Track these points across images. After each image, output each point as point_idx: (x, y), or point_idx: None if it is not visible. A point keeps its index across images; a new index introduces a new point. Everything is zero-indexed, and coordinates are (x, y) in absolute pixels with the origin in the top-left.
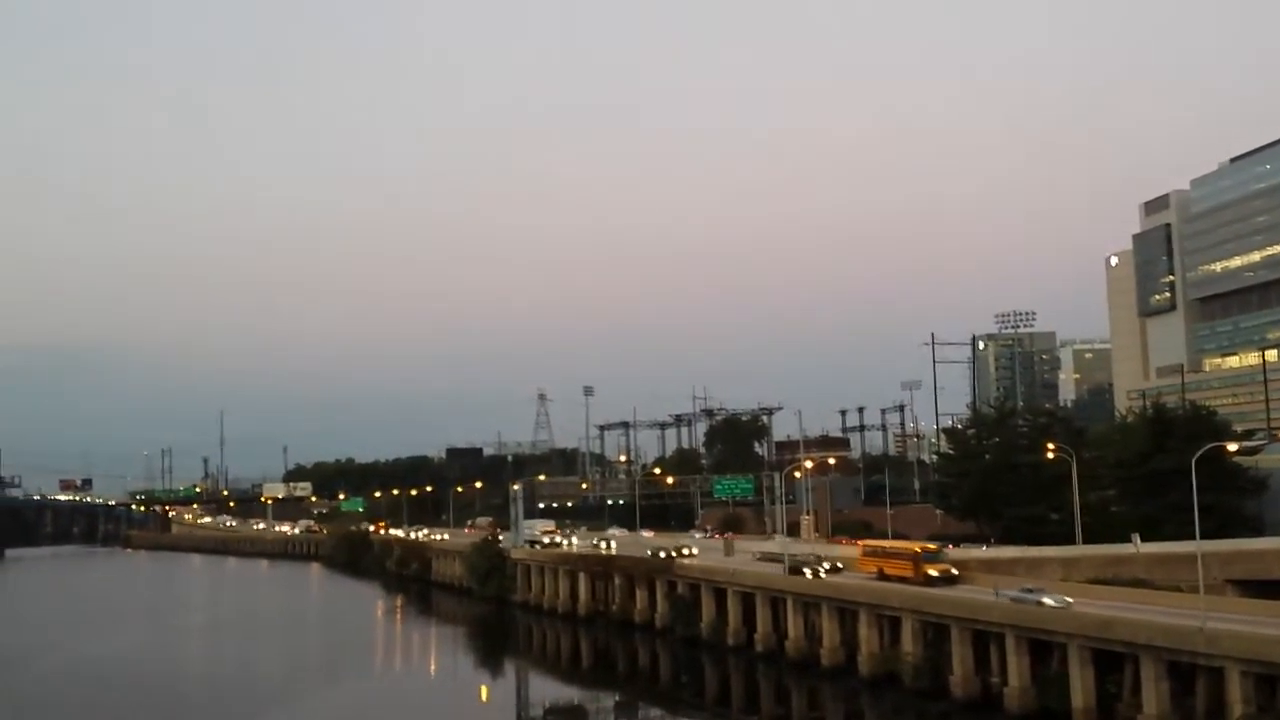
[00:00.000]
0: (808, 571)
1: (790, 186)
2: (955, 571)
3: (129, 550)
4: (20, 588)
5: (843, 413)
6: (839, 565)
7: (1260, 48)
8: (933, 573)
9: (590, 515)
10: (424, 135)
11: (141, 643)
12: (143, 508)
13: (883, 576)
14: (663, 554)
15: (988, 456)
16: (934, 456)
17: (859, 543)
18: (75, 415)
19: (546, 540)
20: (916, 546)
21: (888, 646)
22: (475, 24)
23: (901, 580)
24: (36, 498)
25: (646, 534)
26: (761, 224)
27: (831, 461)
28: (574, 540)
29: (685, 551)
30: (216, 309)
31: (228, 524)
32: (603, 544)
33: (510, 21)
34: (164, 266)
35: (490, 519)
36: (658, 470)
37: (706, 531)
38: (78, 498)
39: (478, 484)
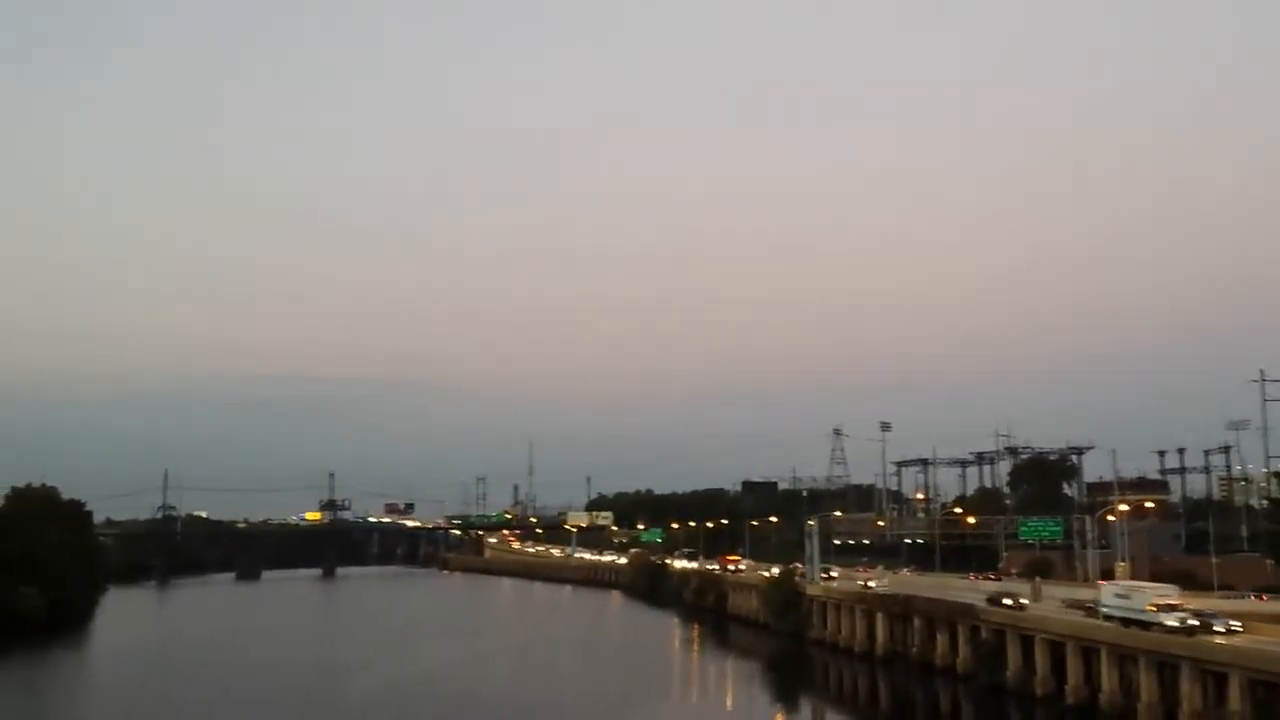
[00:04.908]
0: (1008, 602)
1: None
2: None
3: (445, 572)
4: (350, 605)
5: (1160, 453)
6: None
7: None
8: None
9: (886, 554)
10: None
11: (456, 660)
12: (458, 532)
13: None
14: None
15: None
16: (1263, 502)
17: None
18: (399, 443)
19: (1174, 622)
20: None
21: (1212, 704)
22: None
23: None
24: (365, 520)
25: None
26: (1071, 250)
27: (1149, 505)
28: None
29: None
30: (527, 344)
31: (537, 550)
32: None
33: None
34: (479, 304)
35: (689, 550)
36: (958, 510)
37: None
38: (401, 521)
39: (772, 518)
